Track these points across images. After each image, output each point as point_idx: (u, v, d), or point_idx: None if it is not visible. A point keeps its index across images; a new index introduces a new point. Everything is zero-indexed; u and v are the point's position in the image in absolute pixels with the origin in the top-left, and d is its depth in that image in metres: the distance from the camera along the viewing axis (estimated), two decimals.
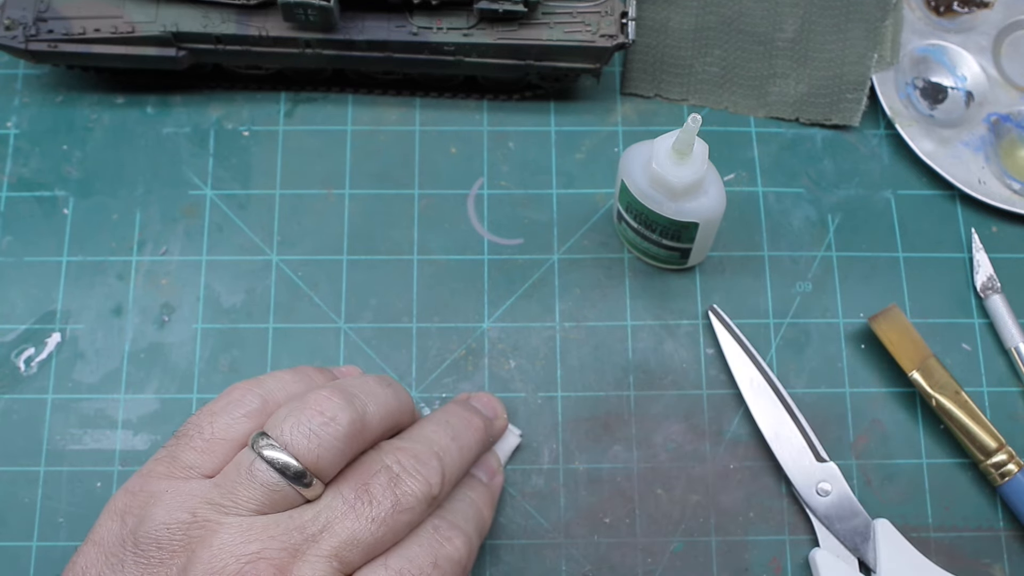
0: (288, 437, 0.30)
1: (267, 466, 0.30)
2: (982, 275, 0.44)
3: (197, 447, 0.32)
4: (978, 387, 0.43)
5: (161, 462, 0.32)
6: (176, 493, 0.30)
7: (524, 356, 0.43)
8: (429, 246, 0.44)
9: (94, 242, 0.44)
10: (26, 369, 0.42)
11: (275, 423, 0.31)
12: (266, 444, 0.30)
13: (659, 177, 0.37)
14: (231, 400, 0.33)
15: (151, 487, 0.31)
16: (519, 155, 0.46)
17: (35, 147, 0.45)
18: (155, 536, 0.29)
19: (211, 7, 0.42)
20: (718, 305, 0.43)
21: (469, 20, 0.42)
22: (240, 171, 0.45)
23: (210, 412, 0.33)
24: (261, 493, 0.30)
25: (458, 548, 0.32)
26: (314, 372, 0.36)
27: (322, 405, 0.31)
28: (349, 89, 0.46)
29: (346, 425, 0.31)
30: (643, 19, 0.47)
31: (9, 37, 0.42)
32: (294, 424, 0.30)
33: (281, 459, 0.30)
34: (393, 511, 0.31)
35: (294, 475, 0.30)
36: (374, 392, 0.33)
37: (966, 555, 0.40)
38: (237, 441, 0.32)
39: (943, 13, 0.48)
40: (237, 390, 0.33)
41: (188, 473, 0.31)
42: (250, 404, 0.33)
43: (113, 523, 0.31)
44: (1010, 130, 0.46)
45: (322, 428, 0.30)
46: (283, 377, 0.34)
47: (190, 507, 0.30)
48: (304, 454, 0.30)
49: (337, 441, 0.31)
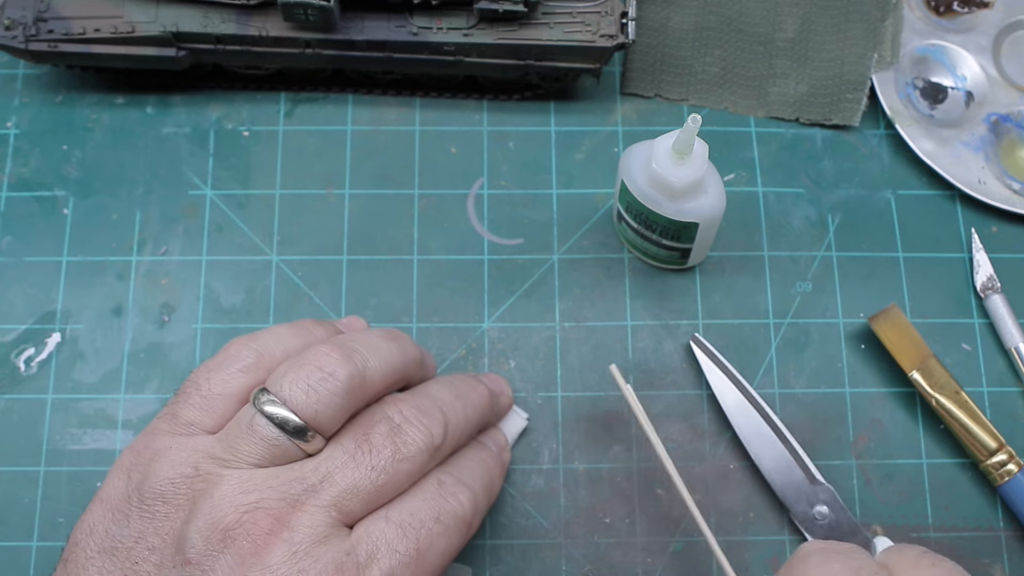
0: (287, 393, 0.31)
1: (266, 421, 0.30)
2: (982, 275, 0.44)
3: (196, 404, 0.32)
4: (978, 387, 0.43)
5: (163, 419, 0.32)
6: (179, 449, 0.31)
7: (524, 356, 0.43)
8: (429, 246, 0.44)
9: (94, 242, 0.44)
10: (26, 369, 0.42)
11: (275, 379, 0.31)
12: (267, 400, 0.31)
13: (659, 177, 0.37)
14: (227, 356, 0.33)
15: (155, 444, 0.31)
16: (519, 155, 0.46)
17: (35, 147, 0.45)
18: (160, 491, 0.30)
19: (211, 7, 0.42)
20: (718, 305, 0.43)
21: (469, 20, 0.42)
22: (240, 171, 0.45)
23: (207, 369, 0.33)
24: (261, 447, 0.30)
25: (462, 503, 0.33)
26: (313, 324, 0.36)
27: (321, 360, 0.31)
28: (349, 89, 0.46)
29: (344, 380, 0.31)
30: (643, 19, 0.47)
31: (9, 37, 0.42)
32: (293, 380, 0.31)
33: (280, 414, 0.30)
34: (393, 459, 0.31)
35: (294, 430, 0.30)
36: (376, 347, 0.33)
37: (966, 555, 0.40)
38: (235, 396, 0.32)
39: (943, 13, 0.48)
40: (233, 345, 0.34)
41: (189, 430, 0.32)
42: (246, 359, 0.33)
43: (119, 480, 0.31)
44: (1010, 130, 0.46)
45: (320, 383, 0.31)
46: (280, 331, 0.35)
47: (193, 462, 0.30)
48: (303, 409, 0.30)
49: (335, 396, 0.31)
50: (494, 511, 0.40)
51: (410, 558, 0.30)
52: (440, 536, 0.31)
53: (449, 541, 0.32)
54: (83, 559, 0.30)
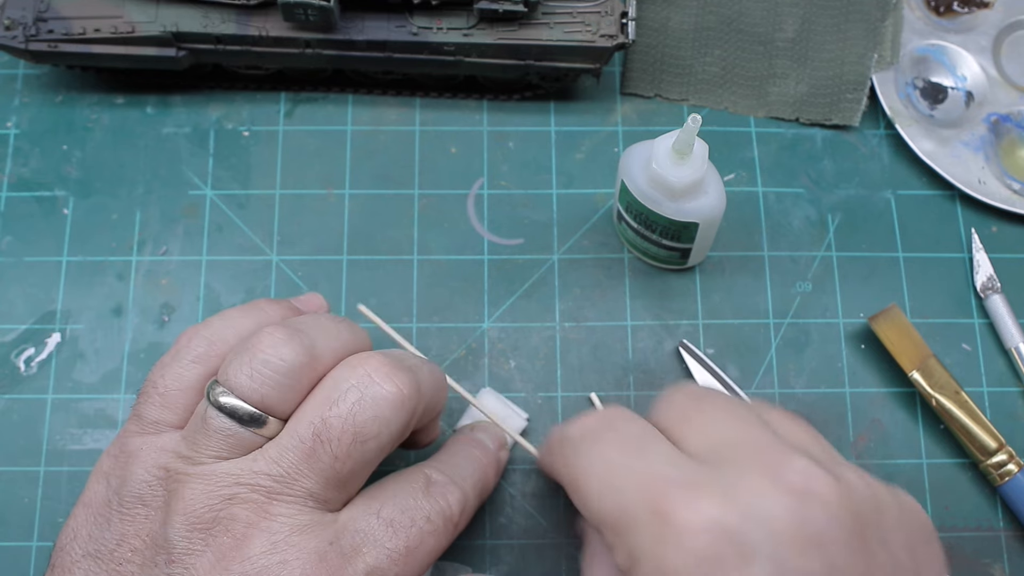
0: (234, 380, 0.30)
1: (217, 412, 0.30)
2: (982, 275, 0.44)
3: (155, 402, 0.32)
4: (978, 387, 0.43)
5: (132, 421, 0.32)
6: (149, 449, 0.31)
7: (524, 356, 0.43)
8: (429, 246, 0.44)
9: (94, 242, 0.44)
10: (26, 369, 0.42)
11: (223, 368, 0.31)
12: (219, 391, 0.30)
13: (659, 177, 0.37)
14: (179, 348, 0.33)
15: (128, 447, 0.31)
16: (519, 155, 0.46)
17: (35, 147, 0.45)
18: (137, 493, 0.30)
19: (211, 7, 0.42)
20: (718, 305, 0.43)
21: (469, 20, 0.42)
22: (240, 171, 0.45)
23: (161, 365, 0.33)
24: (219, 440, 0.30)
25: (451, 504, 0.32)
26: (267, 304, 0.35)
27: (264, 343, 0.30)
28: (349, 89, 0.46)
29: (289, 359, 0.30)
30: (643, 19, 0.47)
31: (9, 37, 0.42)
32: (238, 366, 0.30)
33: (230, 403, 0.30)
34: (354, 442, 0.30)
35: (247, 417, 0.30)
36: (323, 326, 0.32)
37: (966, 555, 0.40)
38: (192, 388, 0.32)
39: (943, 13, 0.48)
40: (184, 336, 0.33)
41: (156, 428, 0.32)
42: (196, 349, 0.33)
43: (99, 485, 0.31)
44: (1010, 130, 0.46)
45: (264, 365, 0.30)
46: (230, 315, 0.34)
47: (162, 462, 0.30)
48: (248, 394, 0.30)
49: (280, 376, 0.30)
50: (494, 511, 0.40)
51: (399, 554, 0.30)
52: (430, 535, 0.31)
53: (438, 540, 0.32)
54: (69, 563, 0.30)
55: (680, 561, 0.27)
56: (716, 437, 0.30)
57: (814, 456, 0.29)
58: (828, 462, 0.29)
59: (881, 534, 0.28)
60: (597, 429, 0.31)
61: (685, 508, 0.27)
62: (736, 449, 0.29)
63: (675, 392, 0.33)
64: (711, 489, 0.27)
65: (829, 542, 0.27)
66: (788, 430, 0.31)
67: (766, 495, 0.27)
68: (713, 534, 0.27)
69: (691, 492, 0.27)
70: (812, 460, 0.28)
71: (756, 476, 0.28)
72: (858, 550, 0.27)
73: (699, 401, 0.32)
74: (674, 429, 0.31)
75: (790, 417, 0.32)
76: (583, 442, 0.31)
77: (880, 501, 0.29)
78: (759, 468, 0.28)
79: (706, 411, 0.31)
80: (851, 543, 0.27)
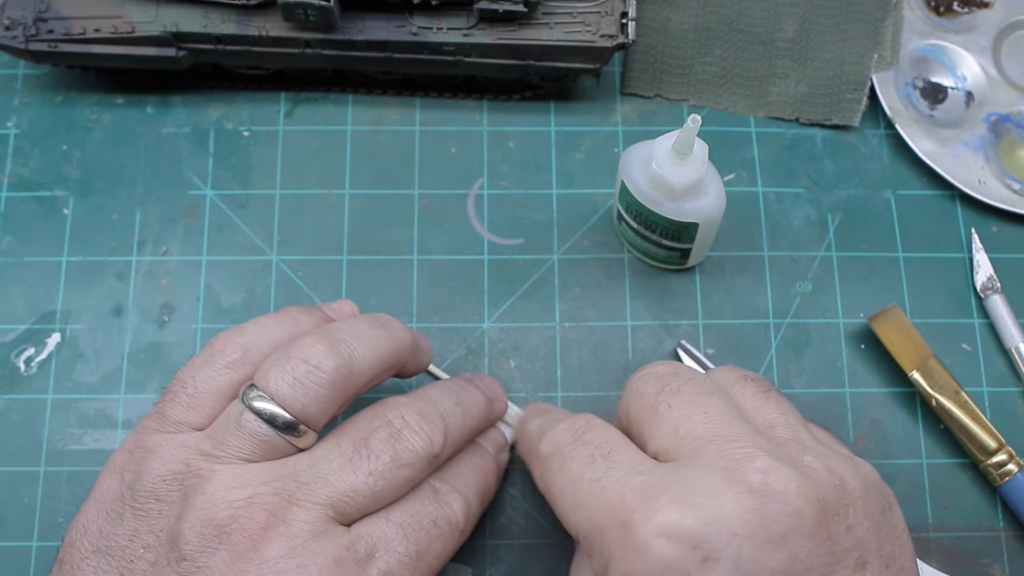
0: (274, 387, 0.30)
1: (255, 416, 0.30)
2: (982, 275, 0.44)
3: (183, 402, 0.32)
4: (978, 387, 0.43)
5: (152, 418, 0.32)
6: (169, 446, 0.31)
7: (524, 356, 0.43)
8: (429, 246, 0.44)
9: (94, 242, 0.44)
10: (26, 369, 0.42)
11: (262, 374, 0.31)
12: (255, 396, 0.30)
13: (659, 177, 0.37)
14: (212, 352, 0.33)
15: (145, 443, 0.31)
16: (519, 155, 0.46)
17: (35, 147, 0.45)
18: (152, 488, 0.30)
19: (211, 7, 0.42)
20: (718, 305, 0.43)
21: (469, 20, 0.42)
22: (240, 171, 0.45)
23: (193, 366, 0.33)
24: (251, 443, 0.30)
25: (455, 512, 0.33)
26: (300, 313, 0.35)
27: (306, 353, 0.31)
28: (349, 89, 0.46)
29: (331, 372, 0.31)
30: (643, 19, 0.47)
31: (9, 37, 0.42)
32: (279, 374, 0.31)
33: (269, 409, 0.30)
34: (392, 465, 0.31)
35: (283, 425, 0.30)
36: (363, 334, 0.33)
37: (966, 555, 0.40)
38: (222, 393, 0.32)
39: (943, 13, 0.48)
40: (218, 341, 0.33)
41: (178, 428, 0.32)
42: (231, 354, 0.33)
43: (112, 480, 0.31)
44: (1010, 130, 0.46)
45: (307, 376, 0.31)
46: (265, 323, 0.34)
47: (183, 458, 0.30)
48: (290, 403, 0.30)
49: (322, 388, 0.31)
50: (494, 511, 0.40)
51: (410, 558, 0.30)
52: (438, 540, 0.32)
53: (445, 545, 0.32)
54: (78, 559, 0.30)
55: (645, 568, 0.27)
56: (683, 431, 0.30)
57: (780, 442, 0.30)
58: (792, 448, 0.30)
59: (845, 518, 0.28)
60: (564, 446, 0.32)
61: (646, 518, 0.28)
62: (701, 444, 0.29)
63: (644, 381, 0.33)
64: (671, 495, 0.28)
65: (791, 537, 0.27)
66: (757, 409, 0.32)
67: (725, 496, 0.28)
68: (674, 541, 0.27)
69: (652, 501, 0.28)
70: (772, 456, 0.28)
71: (715, 477, 0.28)
72: (822, 539, 0.28)
73: (667, 393, 0.32)
74: (643, 423, 0.32)
75: (760, 391, 0.33)
76: (553, 459, 0.32)
77: (844, 483, 0.29)
78: (719, 467, 0.28)
79: (674, 405, 0.31)
80: (815, 534, 0.27)
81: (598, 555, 0.29)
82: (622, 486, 0.29)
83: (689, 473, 0.29)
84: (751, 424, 0.31)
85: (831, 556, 0.28)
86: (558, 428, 0.33)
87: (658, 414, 0.31)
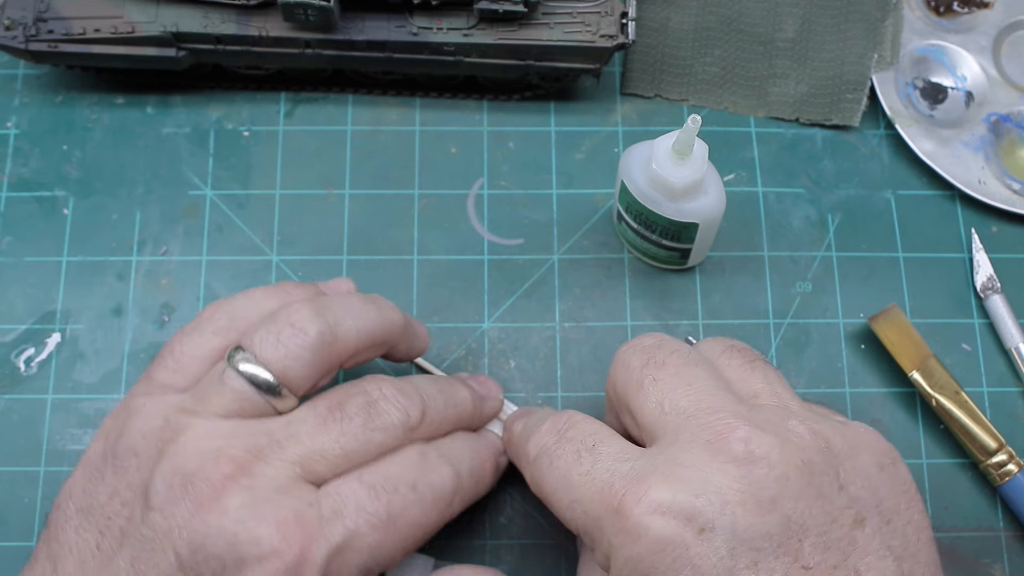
0: (258, 348, 0.31)
1: (236, 374, 0.31)
2: (982, 275, 0.44)
3: (169, 366, 0.33)
4: (978, 387, 0.43)
5: (140, 383, 0.33)
6: (151, 405, 0.32)
7: (524, 356, 0.43)
8: (429, 246, 0.44)
9: (94, 242, 0.44)
10: (26, 369, 0.42)
11: (248, 335, 0.32)
12: (241, 357, 0.31)
13: (659, 177, 0.37)
14: (200, 320, 0.34)
15: (131, 406, 0.32)
16: (519, 155, 0.46)
17: (35, 147, 0.45)
18: (131, 445, 0.31)
19: (211, 7, 0.42)
20: (718, 305, 0.43)
21: (469, 20, 0.42)
22: (240, 171, 0.45)
23: (181, 333, 0.34)
24: (230, 399, 0.31)
25: (443, 477, 0.32)
26: (293, 287, 0.36)
27: (292, 317, 0.32)
28: (349, 89, 0.46)
29: (314, 336, 0.31)
30: (643, 19, 0.47)
31: (9, 37, 0.42)
32: (264, 335, 0.31)
33: (251, 369, 0.31)
34: (365, 428, 0.31)
35: (264, 385, 0.31)
36: (352, 307, 0.33)
37: (966, 555, 0.40)
38: (207, 357, 0.33)
39: (943, 13, 0.48)
40: (207, 309, 0.34)
41: (163, 390, 0.32)
42: (218, 321, 0.34)
43: (98, 444, 0.32)
44: (1010, 130, 0.46)
45: (290, 339, 0.31)
46: (255, 295, 0.35)
47: (163, 414, 0.31)
48: (272, 363, 0.31)
49: (304, 351, 0.31)
50: (494, 511, 0.40)
51: (379, 520, 0.30)
52: (415, 504, 0.31)
53: (424, 511, 0.32)
54: (62, 520, 0.31)
55: (644, 548, 0.28)
56: (667, 405, 0.31)
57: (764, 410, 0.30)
58: (776, 415, 0.30)
59: (836, 477, 0.29)
60: (550, 446, 0.32)
61: (637, 499, 0.28)
62: (686, 418, 0.30)
63: (630, 353, 0.33)
64: (660, 475, 0.28)
65: (781, 500, 0.28)
66: (742, 379, 0.32)
67: (712, 468, 0.28)
68: (668, 516, 0.28)
69: (642, 482, 0.28)
70: (754, 425, 0.29)
71: (699, 451, 0.29)
72: (813, 499, 0.28)
73: (652, 367, 0.32)
74: (628, 396, 0.32)
75: (746, 361, 0.33)
76: (541, 461, 0.32)
77: (830, 445, 0.29)
78: (703, 441, 0.29)
79: (658, 378, 0.32)
80: (804, 494, 0.28)
81: (599, 547, 0.30)
82: (611, 475, 0.29)
83: (674, 452, 0.29)
84: (736, 395, 0.31)
85: (826, 515, 0.28)
86: (542, 429, 0.33)
87: (643, 387, 0.32)
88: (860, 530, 0.28)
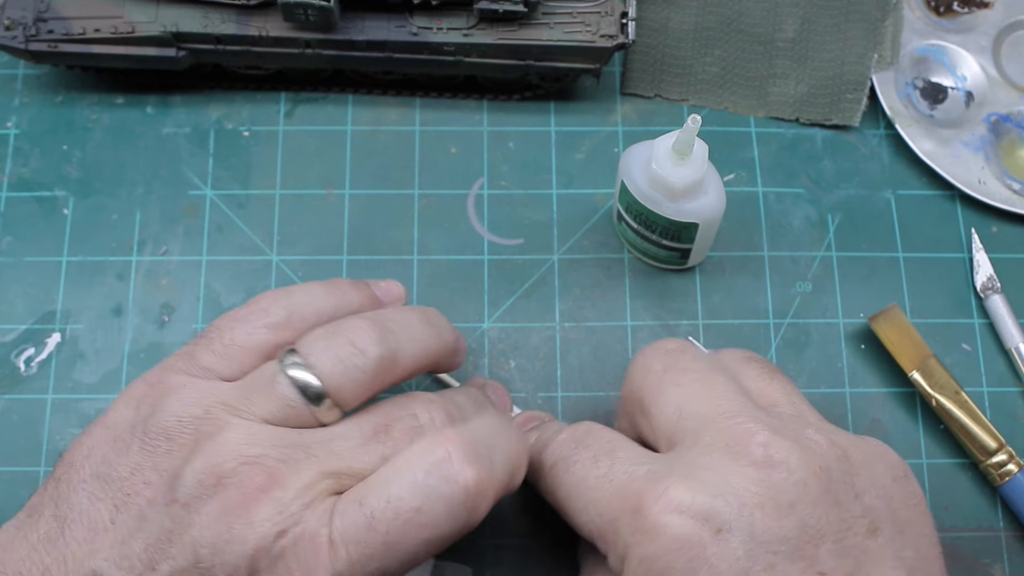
0: (315, 358, 0.30)
1: (288, 381, 0.30)
2: (982, 275, 0.44)
3: (216, 350, 0.32)
4: (978, 387, 0.43)
5: (180, 358, 0.32)
6: (193, 389, 0.31)
7: (524, 356, 0.43)
8: (429, 246, 0.44)
9: (94, 242, 0.44)
10: (26, 369, 0.42)
11: (306, 343, 0.31)
12: (293, 362, 0.30)
13: (659, 177, 0.37)
14: (256, 309, 0.33)
15: (169, 380, 0.31)
16: (519, 155, 0.46)
17: (35, 147, 0.45)
18: (165, 427, 0.30)
19: (211, 7, 0.42)
20: (718, 305, 0.43)
21: (469, 20, 0.42)
22: (240, 171, 0.45)
23: (233, 318, 0.33)
24: (276, 405, 0.30)
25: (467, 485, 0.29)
26: (349, 286, 0.35)
27: (355, 335, 0.31)
28: (349, 89, 0.46)
29: (375, 360, 0.31)
30: (643, 19, 0.47)
31: (9, 37, 0.42)
32: (324, 348, 0.30)
33: (303, 378, 0.30)
34: None
35: (314, 396, 0.30)
36: (412, 329, 0.33)
37: (966, 555, 0.40)
38: (256, 351, 0.32)
39: (943, 13, 0.48)
40: (265, 299, 0.33)
41: (206, 374, 0.31)
42: (275, 316, 0.32)
43: (127, 409, 0.31)
44: (1010, 130, 0.46)
45: (350, 358, 0.30)
46: (313, 290, 0.34)
47: (205, 404, 0.30)
48: (327, 378, 0.30)
49: (363, 373, 0.30)
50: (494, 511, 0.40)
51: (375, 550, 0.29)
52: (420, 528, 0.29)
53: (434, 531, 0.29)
54: (76, 481, 0.30)
55: (661, 547, 0.28)
56: (687, 410, 0.31)
57: (782, 418, 0.31)
58: (794, 424, 0.30)
59: (852, 486, 0.29)
60: (567, 453, 0.32)
61: (656, 499, 0.28)
62: (705, 423, 0.30)
63: (652, 356, 0.33)
64: (678, 476, 0.29)
65: (799, 505, 0.28)
66: (760, 389, 0.33)
67: (731, 471, 0.28)
68: (686, 516, 0.28)
69: (660, 483, 0.29)
70: (773, 430, 0.29)
71: (719, 454, 0.29)
72: (830, 506, 0.28)
73: (674, 371, 0.32)
74: (646, 398, 0.32)
75: (765, 372, 0.33)
76: (558, 467, 0.32)
77: (847, 454, 0.30)
78: (722, 445, 0.29)
79: (680, 383, 0.32)
80: (821, 501, 0.28)
81: (614, 548, 0.30)
82: (629, 476, 0.30)
83: (693, 455, 0.29)
84: (755, 402, 0.31)
85: (841, 522, 0.28)
86: (559, 438, 0.33)
87: (664, 391, 0.32)
88: (874, 539, 0.28)
